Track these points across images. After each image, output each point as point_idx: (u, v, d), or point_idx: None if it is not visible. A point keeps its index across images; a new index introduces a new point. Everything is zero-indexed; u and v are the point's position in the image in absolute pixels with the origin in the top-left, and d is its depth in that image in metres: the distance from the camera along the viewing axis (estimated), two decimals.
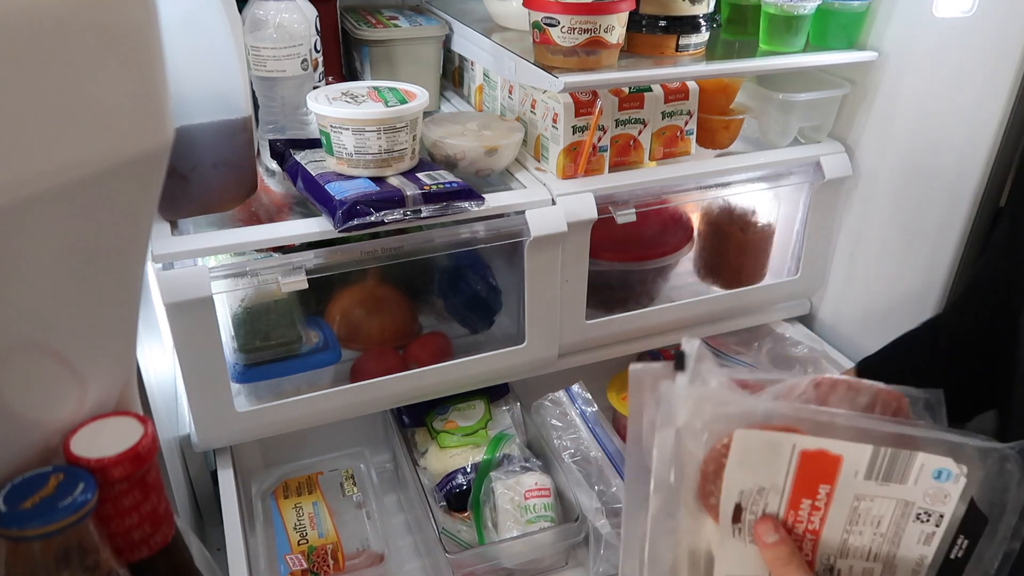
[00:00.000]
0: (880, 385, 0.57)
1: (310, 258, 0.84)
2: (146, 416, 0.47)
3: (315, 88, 0.92)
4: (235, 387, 0.89)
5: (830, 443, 0.52)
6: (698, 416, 0.53)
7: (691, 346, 0.54)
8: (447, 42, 1.12)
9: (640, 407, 0.55)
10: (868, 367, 0.86)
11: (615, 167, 0.98)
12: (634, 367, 0.55)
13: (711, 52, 0.98)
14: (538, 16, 0.86)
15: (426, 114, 0.90)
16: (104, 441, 0.45)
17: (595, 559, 0.96)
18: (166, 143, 0.43)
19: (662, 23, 0.93)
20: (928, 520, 0.53)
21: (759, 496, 0.54)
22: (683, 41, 0.94)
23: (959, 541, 0.53)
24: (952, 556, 0.54)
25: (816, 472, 0.53)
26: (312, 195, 0.85)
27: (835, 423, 0.53)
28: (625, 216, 0.95)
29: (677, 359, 0.54)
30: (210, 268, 0.79)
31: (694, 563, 0.56)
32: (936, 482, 0.52)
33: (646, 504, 0.55)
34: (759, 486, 0.53)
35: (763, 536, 0.54)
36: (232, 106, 0.75)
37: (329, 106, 0.82)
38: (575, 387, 1.17)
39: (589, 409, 1.12)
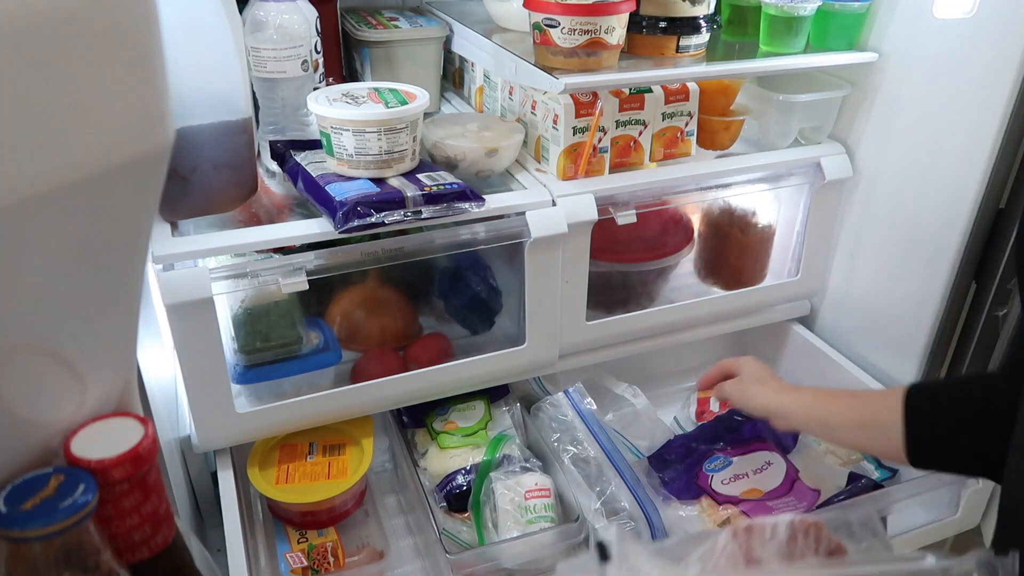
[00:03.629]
0: (792, 516, 0.54)
1: (310, 259, 0.84)
2: (146, 417, 0.47)
3: (315, 89, 0.92)
4: (235, 388, 0.89)
5: None
6: None
7: (610, 534, 0.51)
8: (447, 43, 1.12)
9: None
10: (918, 393, 0.77)
11: (615, 168, 0.98)
12: (561, 567, 0.53)
13: (711, 53, 0.98)
14: (538, 17, 0.86)
15: (426, 115, 0.90)
16: (105, 442, 0.45)
17: None
18: (166, 144, 0.43)
19: (662, 24, 0.93)
20: None
21: None
22: (683, 42, 0.94)
23: None
24: None
25: None
26: (312, 196, 0.85)
27: None
28: (625, 217, 0.95)
29: (600, 551, 0.51)
30: (210, 269, 0.79)
31: None
32: None
33: None
34: None
35: None
36: (232, 107, 0.75)
37: (329, 107, 0.82)
38: (574, 388, 1.17)
39: (588, 409, 1.12)
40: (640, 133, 0.99)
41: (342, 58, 1.13)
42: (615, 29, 0.86)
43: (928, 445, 0.75)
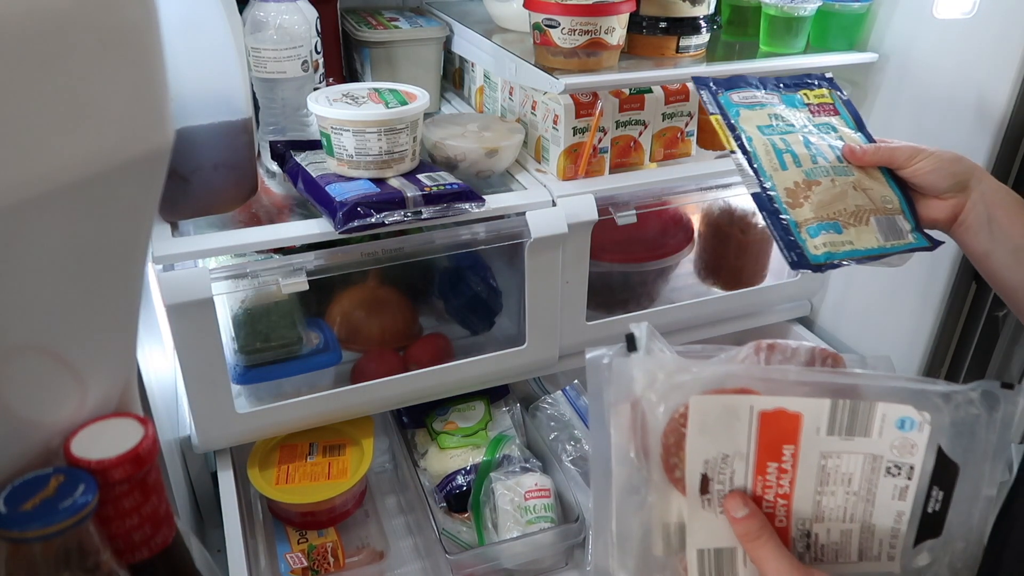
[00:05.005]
0: (812, 344, 0.56)
1: (311, 259, 0.84)
2: (146, 417, 0.47)
3: (315, 89, 0.92)
4: (235, 388, 0.89)
5: (787, 401, 0.51)
6: (652, 388, 0.52)
7: (640, 329, 0.54)
8: (448, 44, 1.12)
9: (599, 389, 0.54)
10: None
11: (616, 168, 0.98)
12: (590, 353, 0.55)
13: (711, 53, 0.99)
14: (538, 17, 0.86)
15: (427, 115, 0.90)
16: (105, 442, 0.45)
17: (592, 558, 0.96)
18: (166, 144, 0.43)
19: (662, 24, 0.93)
20: (899, 473, 0.52)
21: (724, 464, 0.52)
22: (683, 42, 0.94)
23: (934, 493, 0.53)
24: (930, 510, 0.53)
25: (778, 433, 0.51)
26: (313, 196, 0.85)
27: (789, 380, 0.52)
28: (626, 217, 0.95)
29: (628, 341, 0.54)
30: (211, 269, 0.79)
31: (665, 537, 0.55)
32: (901, 432, 0.51)
33: (611, 482, 0.55)
34: (723, 453, 0.52)
35: (732, 511, 0.52)
36: (233, 107, 0.75)
37: (330, 107, 0.82)
38: (571, 386, 1.18)
39: (586, 407, 1.13)
40: (640, 133, 0.99)
41: (342, 58, 1.13)
42: (615, 29, 0.86)
43: None
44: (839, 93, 0.85)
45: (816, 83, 0.85)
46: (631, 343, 0.54)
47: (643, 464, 0.54)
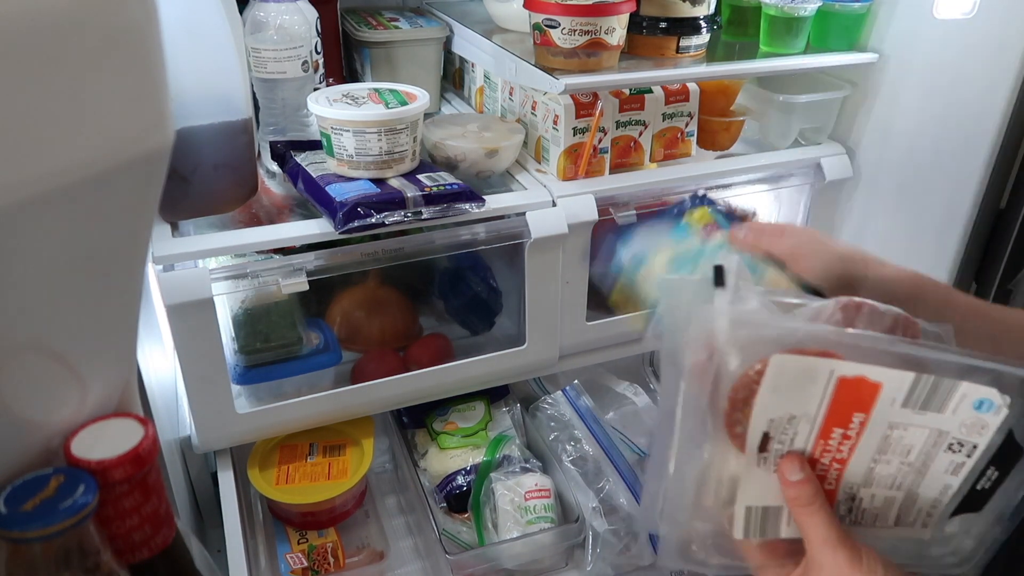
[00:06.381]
0: (898, 310, 0.55)
1: (311, 260, 0.84)
2: (147, 418, 0.47)
3: (316, 90, 0.92)
4: (236, 388, 0.89)
5: (870, 369, 0.49)
6: (733, 341, 0.50)
7: (731, 261, 0.51)
8: (448, 44, 1.12)
9: (675, 323, 0.52)
10: None
11: (616, 169, 0.98)
12: (670, 277, 0.52)
13: (711, 54, 0.99)
14: (539, 18, 0.86)
15: (427, 116, 0.90)
16: (105, 443, 0.45)
17: (592, 558, 0.96)
18: (167, 144, 0.43)
19: (663, 25, 0.93)
20: (960, 450, 0.51)
21: (789, 425, 0.51)
22: (684, 43, 0.94)
23: (988, 472, 0.52)
24: (979, 487, 0.53)
25: (852, 400, 0.50)
26: (313, 197, 0.85)
27: (878, 349, 0.50)
28: (625, 218, 0.95)
29: (716, 274, 0.50)
30: (211, 270, 0.79)
31: (717, 490, 0.54)
32: (976, 412, 0.50)
33: (674, 428, 0.53)
34: (790, 414, 0.51)
35: (787, 474, 0.51)
36: (233, 108, 0.75)
37: (330, 108, 0.82)
38: (571, 386, 1.18)
39: (586, 407, 1.13)
40: (640, 134, 0.99)
41: (342, 59, 1.13)
42: (615, 30, 0.86)
43: None
44: (715, 206, 0.82)
45: (694, 203, 0.82)
46: (719, 277, 0.50)
47: (709, 415, 0.52)
